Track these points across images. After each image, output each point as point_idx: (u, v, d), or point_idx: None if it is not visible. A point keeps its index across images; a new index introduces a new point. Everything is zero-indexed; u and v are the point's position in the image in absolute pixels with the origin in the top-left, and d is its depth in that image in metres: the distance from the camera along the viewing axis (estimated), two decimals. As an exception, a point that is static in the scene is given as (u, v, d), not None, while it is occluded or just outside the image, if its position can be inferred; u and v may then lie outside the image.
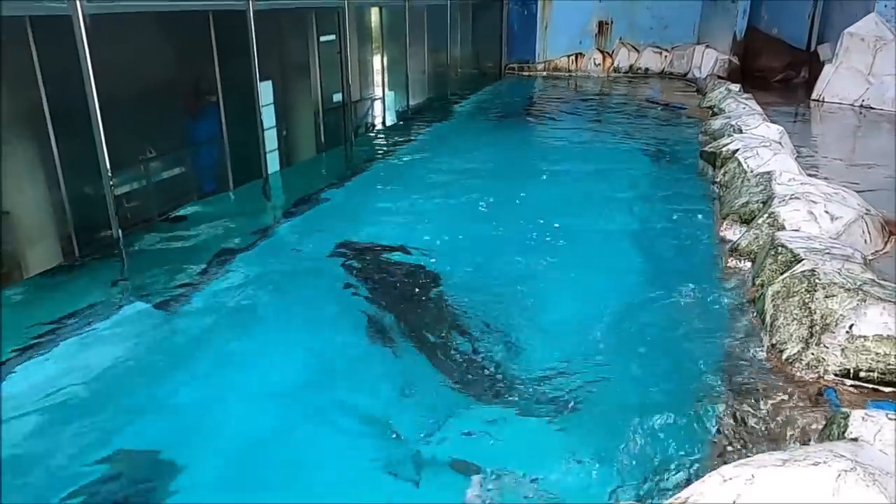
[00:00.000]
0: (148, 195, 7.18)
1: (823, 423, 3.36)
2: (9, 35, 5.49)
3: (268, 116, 8.31)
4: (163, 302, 5.15)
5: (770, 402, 3.68)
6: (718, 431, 3.50)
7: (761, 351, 4.21)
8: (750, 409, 3.64)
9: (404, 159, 9.95)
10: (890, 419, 2.90)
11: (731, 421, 3.56)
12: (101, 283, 5.52)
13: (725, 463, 2.87)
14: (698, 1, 17.15)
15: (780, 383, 3.84)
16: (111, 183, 6.02)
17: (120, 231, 6.23)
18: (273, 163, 8.61)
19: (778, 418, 3.54)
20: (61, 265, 5.91)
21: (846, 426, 2.96)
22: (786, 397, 3.71)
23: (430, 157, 9.96)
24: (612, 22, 18.14)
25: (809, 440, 3.29)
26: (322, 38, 9.75)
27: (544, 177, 9.01)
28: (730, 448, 3.34)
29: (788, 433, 3.40)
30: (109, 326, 4.76)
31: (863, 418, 2.93)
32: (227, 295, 5.28)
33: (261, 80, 8.03)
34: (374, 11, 12.26)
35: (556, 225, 6.90)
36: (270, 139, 8.48)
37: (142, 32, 7.13)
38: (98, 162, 5.95)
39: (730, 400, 3.75)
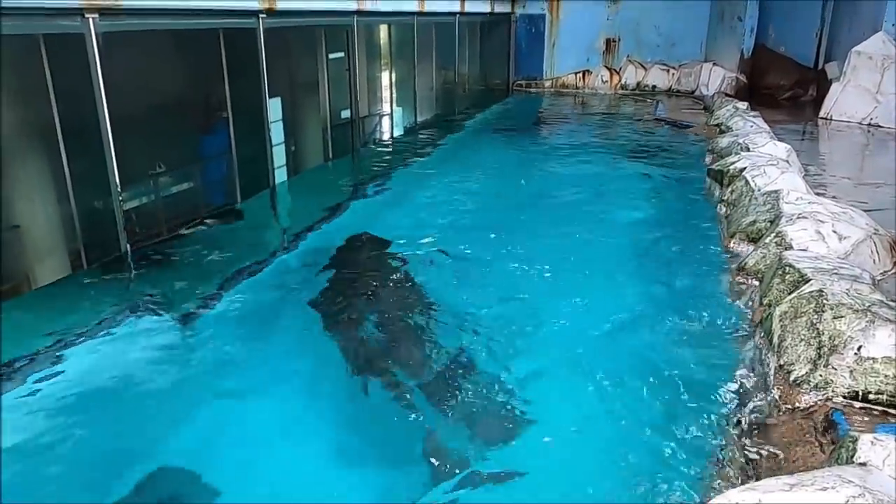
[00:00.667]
0: (157, 209, 7.25)
1: (832, 446, 3.33)
2: (23, 52, 5.59)
3: (276, 132, 8.38)
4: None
5: (777, 424, 3.64)
6: (724, 454, 3.47)
7: (769, 371, 4.18)
8: (757, 431, 3.61)
9: (411, 175, 10.00)
10: (899, 444, 2.87)
11: (738, 443, 3.52)
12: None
13: (731, 487, 2.84)
14: (705, 20, 17.21)
15: (788, 405, 3.81)
16: (120, 198, 6.06)
17: (128, 245, 6.26)
18: (281, 178, 8.67)
19: (785, 441, 3.50)
20: (69, 276, 5.97)
21: (855, 450, 2.93)
22: (793, 419, 3.67)
23: (437, 175, 10.00)
24: (619, 39, 18.25)
25: (817, 464, 3.25)
26: (331, 56, 9.85)
27: (551, 193, 9.02)
28: (736, 472, 3.31)
29: (796, 457, 3.37)
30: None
31: (871, 443, 2.89)
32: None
33: (270, 97, 8.10)
34: (383, 29, 12.40)
35: (564, 240, 6.92)
36: (279, 155, 8.55)
37: (153, 49, 7.25)
38: (107, 176, 6.00)
39: (736, 421, 3.72)
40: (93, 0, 5.40)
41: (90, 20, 5.47)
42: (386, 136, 12.60)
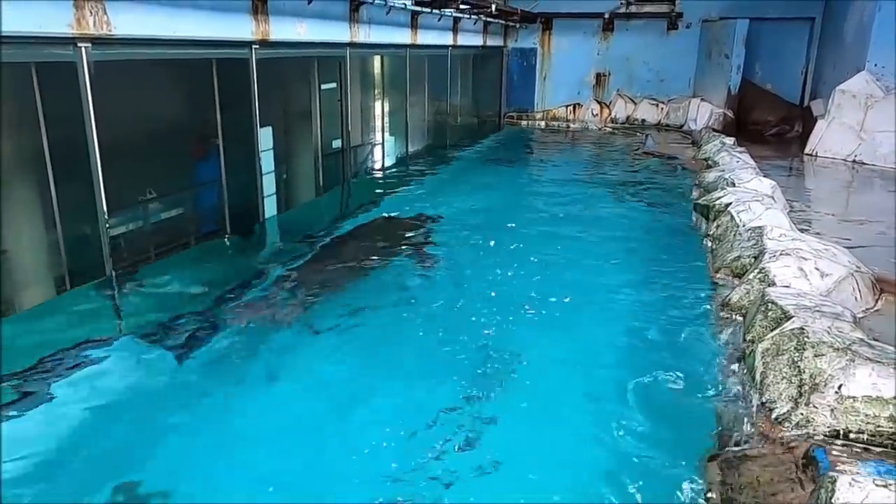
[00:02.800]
0: (144, 236, 7.25)
1: (812, 485, 3.32)
2: (15, 79, 5.64)
3: (266, 161, 8.42)
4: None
5: (758, 462, 3.63)
6: (705, 492, 3.45)
7: (751, 408, 4.18)
8: (738, 469, 3.60)
9: (400, 204, 10.06)
10: (877, 485, 2.87)
11: (719, 481, 3.51)
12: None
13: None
14: (693, 56, 17.55)
15: (769, 443, 3.80)
16: (107, 224, 6.05)
17: (114, 272, 6.24)
18: (270, 207, 8.68)
19: (766, 480, 3.49)
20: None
21: (833, 491, 2.92)
22: (774, 458, 3.66)
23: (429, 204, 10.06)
24: (609, 74, 18.54)
25: (798, 504, 3.24)
26: (323, 86, 9.95)
27: (541, 224, 9.08)
28: (716, 511, 3.29)
29: (776, 496, 3.35)
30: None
31: (850, 483, 2.89)
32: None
33: (261, 126, 8.15)
34: (376, 60, 12.57)
35: (551, 271, 6.96)
36: (269, 183, 8.58)
37: (145, 77, 7.31)
38: (95, 203, 6.00)
39: (717, 459, 3.71)
40: (85, 29, 5.45)
41: (82, 49, 5.52)
42: (377, 166, 12.70)
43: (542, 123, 19.06)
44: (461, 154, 14.76)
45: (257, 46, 7.82)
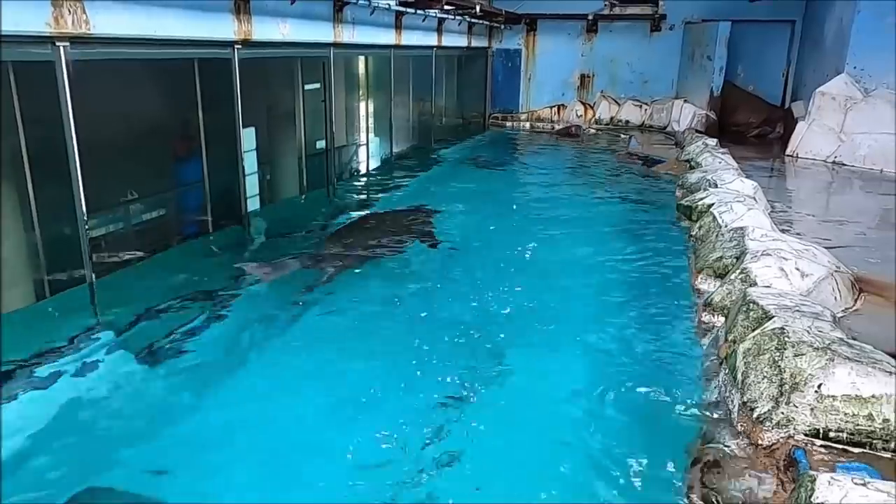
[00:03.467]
0: (125, 238, 7.18)
1: (793, 484, 3.35)
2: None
3: (249, 162, 8.35)
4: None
5: (739, 461, 3.66)
6: (686, 492, 3.46)
7: (733, 408, 4.21)
8: (719, 468, 3.62)
9: (387, 203, 10.06)
10: (856, 484, 2.90)
11: (701, 481, 3.53)
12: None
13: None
14: (676, 58, 17.67)
15: (751, 442, 3.83)
16: (86, 227, 5.97)
17: (93, 275, 6.16)
18: (254, 207, 8.62)
19: (747, 479, 3.51)
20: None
21: (813, 490, 2.95)
22: (755, 457, 3.69)
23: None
24: (593, 75, 18.62)
25: (779, 503, 3.26)
26: (307, 86, 9.90)
27: (526, 221, 9.14)
28: (698, 511, 3.31)
29: (756, 495, 3.38)
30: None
31: (829, 482, 2.92)
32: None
33: (244, 127, 8.09)
34: (360, 60, 12.53)
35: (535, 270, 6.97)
36: (252, 184, 8.52)
37: (125, 77, 7.23)
38: (74, 204, 5.92)
39: (698, 458, 3.73)
40: (64, 28, 5.37)
41: (61, 48, 5.43)
42: (362, 167, 12.66)
43: (527, 124, 19.11)
44: (446, 154, 14.76)
45: (240, 46, 7.76)
